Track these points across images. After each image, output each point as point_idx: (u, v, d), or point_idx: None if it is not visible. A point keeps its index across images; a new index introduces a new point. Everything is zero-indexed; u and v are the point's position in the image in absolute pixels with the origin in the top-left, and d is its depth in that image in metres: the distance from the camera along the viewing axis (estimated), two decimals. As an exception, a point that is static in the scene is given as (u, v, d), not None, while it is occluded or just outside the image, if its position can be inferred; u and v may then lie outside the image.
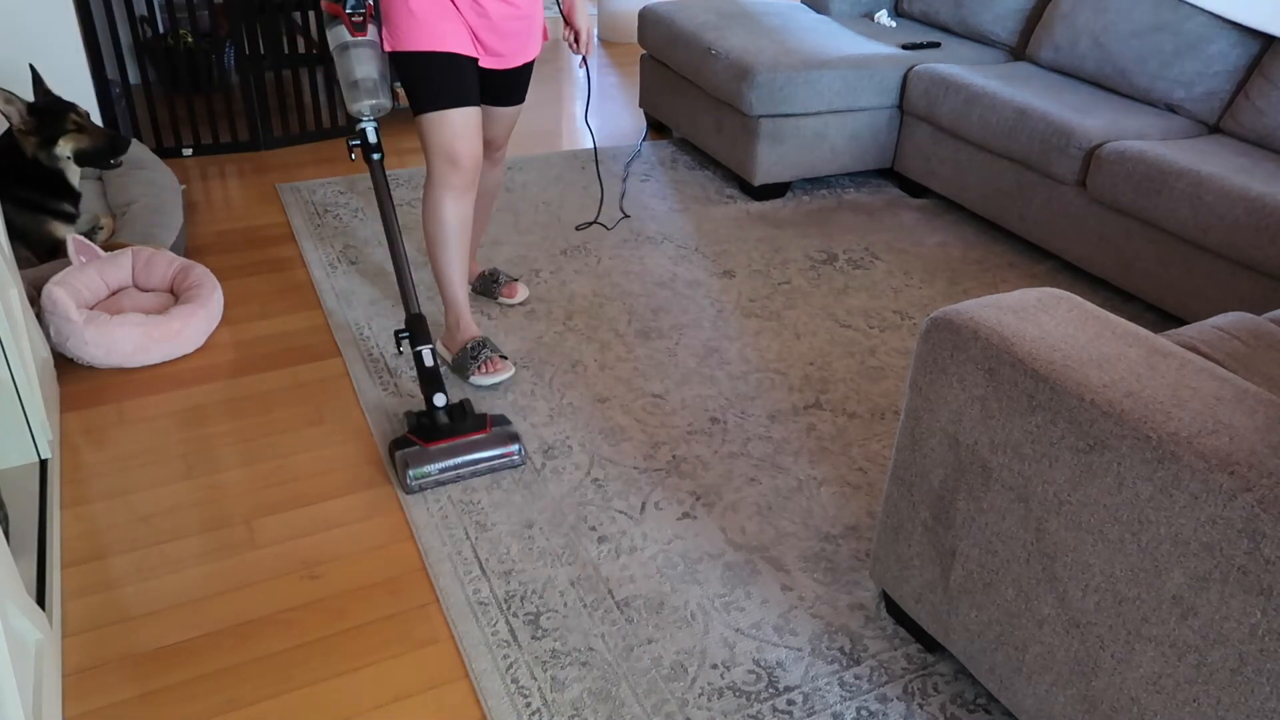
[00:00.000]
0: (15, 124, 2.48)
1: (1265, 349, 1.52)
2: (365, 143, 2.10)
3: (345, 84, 2.01)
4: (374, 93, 2.00)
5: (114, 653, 1.56)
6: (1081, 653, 1.23)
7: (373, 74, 1.99)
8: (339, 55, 2.00)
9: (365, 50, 1.99)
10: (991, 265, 2.98)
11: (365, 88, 1.99)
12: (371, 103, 2.01)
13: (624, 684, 1.54)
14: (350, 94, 2.01)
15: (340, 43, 2.00)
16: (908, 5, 3.91)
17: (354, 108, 2.02)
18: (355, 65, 1.99)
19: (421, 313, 2.08)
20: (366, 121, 2.08)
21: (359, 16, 1.99)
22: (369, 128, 2.09)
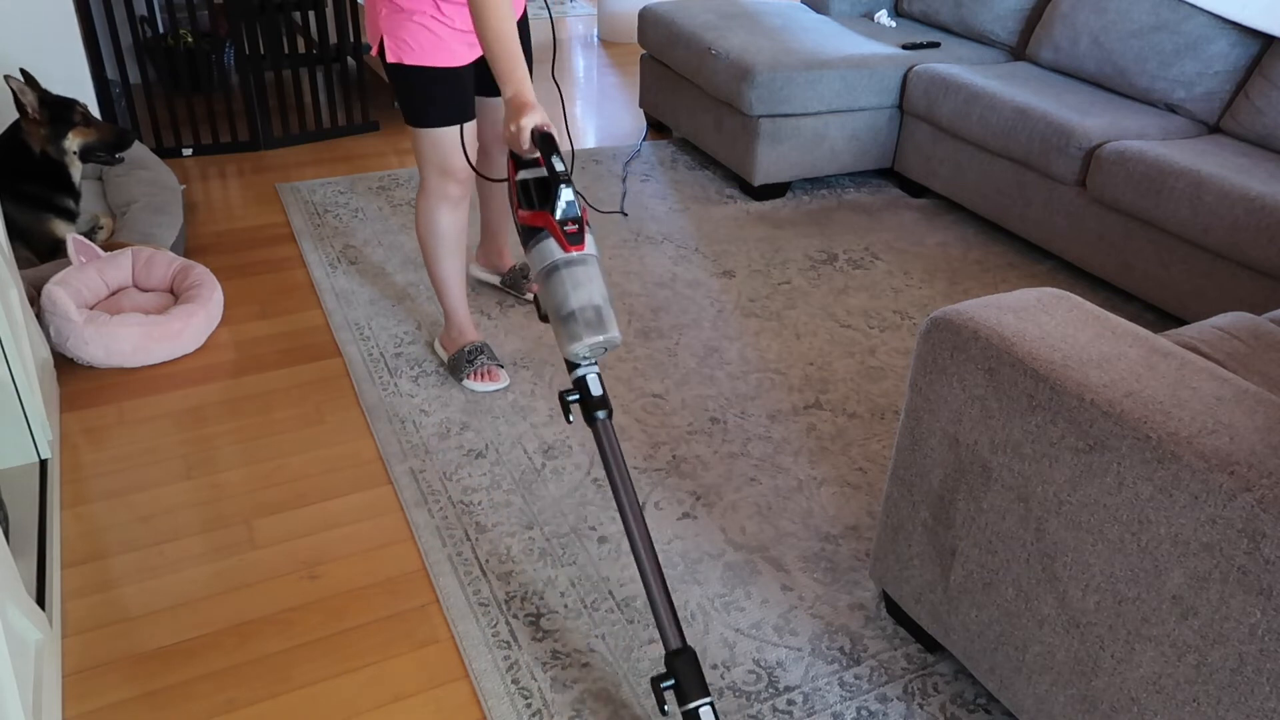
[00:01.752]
0: (29, 113, 2.48)
1: (1265, 349, 1.52)
2: (586, 396, 1.52)
3: (555, 317, 1.51)
4: (598, 327, 1.48)
5: (114, 653, 1.56)
6: (1081, 653, 1.23)
7: (595, 300, 1.49)
8: (547, 278, 1.51)
9: (581, 269, 1.51)
10: (991, 265, 2.98)
11: (586, 320, 1.48)
12: (596, 339, 1.48)
13: (624, 684, 1.54)
14: (565, 331, 1.49)
15: (550, 262, 1.51)
16: (908, 5, 3.91)
17: (571, 348, 1.49)
18: (572, 291, 1.49)
19: (686, 646, 1.42)
20: (587, 368, 1.53)
21: (574, 226, 1.51)
22: (591, 375, 1.53)
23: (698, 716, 1.35)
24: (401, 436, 2.08)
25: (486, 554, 1.78)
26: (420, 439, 2.08)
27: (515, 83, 1.68)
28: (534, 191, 1.59)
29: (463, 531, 1.83)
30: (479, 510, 1.89)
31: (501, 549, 1.79)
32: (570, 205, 1.51)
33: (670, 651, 1.40)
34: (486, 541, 1.81)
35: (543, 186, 1.59)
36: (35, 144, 2.51)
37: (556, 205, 1.50)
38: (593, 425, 1.52)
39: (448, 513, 1.88)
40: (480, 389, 2.24)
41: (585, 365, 1.53)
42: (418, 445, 2.06)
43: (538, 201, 1.57)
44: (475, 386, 2.24)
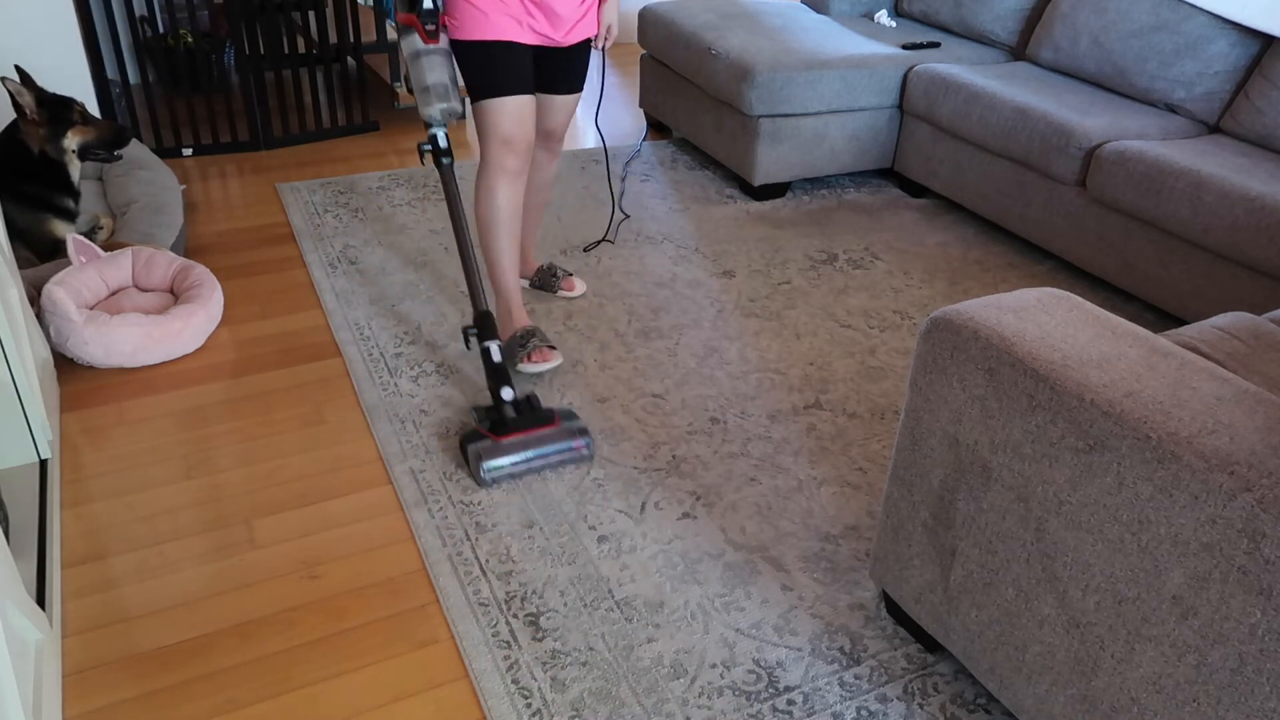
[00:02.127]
0: (28, 114, 2.48)
1: (1265, 349, 1.52)
2: (436, 147, 2.16)
3: (418, 90, 2.09)
4: (445, 97, 2.07)
5: (114, 653, 1.56)
6: (1081, 653, 1.23)
7: (444, 79, 2.07)
8: (412, 62, 2.08)
9: (437, 57, 2.07)
10: (991, 265, 2.98)
11: (437, 92, 2.06)
12: (443, 106, 2.08)
13: (624, 684, 1.54)
14: (422, 99, 2.08)
15: (413, 50, 2.07)
16: (908, 5, 3.91)
17: (426, 112, 2.09)
18: (427, 71, 2.06)
19: (489, 310, 2.12)
20: (437, 126, 2.14)
21: (432, 25, 2.06)
22: (439, 133, 2.15)
23: (489, 350, 2.06)
24: (401, 436, 2.08)
25: (486, 554, 1.78)
26: (420, 439, 2.08)
27: None
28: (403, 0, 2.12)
29: (463, 531, 1.83)
30: (479, 510, 1.89)
31: (501, 549, 1.79)
32: (429, 12, 2.04)
33: (479, 311, 2.10)
34: (486, 541, 1.81)
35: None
36: (34, 144, 2.51)
37: (421, 9, 2.04)
38: (439, 166, 2.17)
39: (448, 513, 1.88)
40: (535, 370, 2.27)
41: (436, 125, 2.13)
42: (418, 445, 2.06)
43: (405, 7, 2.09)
44: (530, 369, 2.27)
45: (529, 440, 1.97)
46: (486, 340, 2.07)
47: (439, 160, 2.16)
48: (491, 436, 1.96)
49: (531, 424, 1.99)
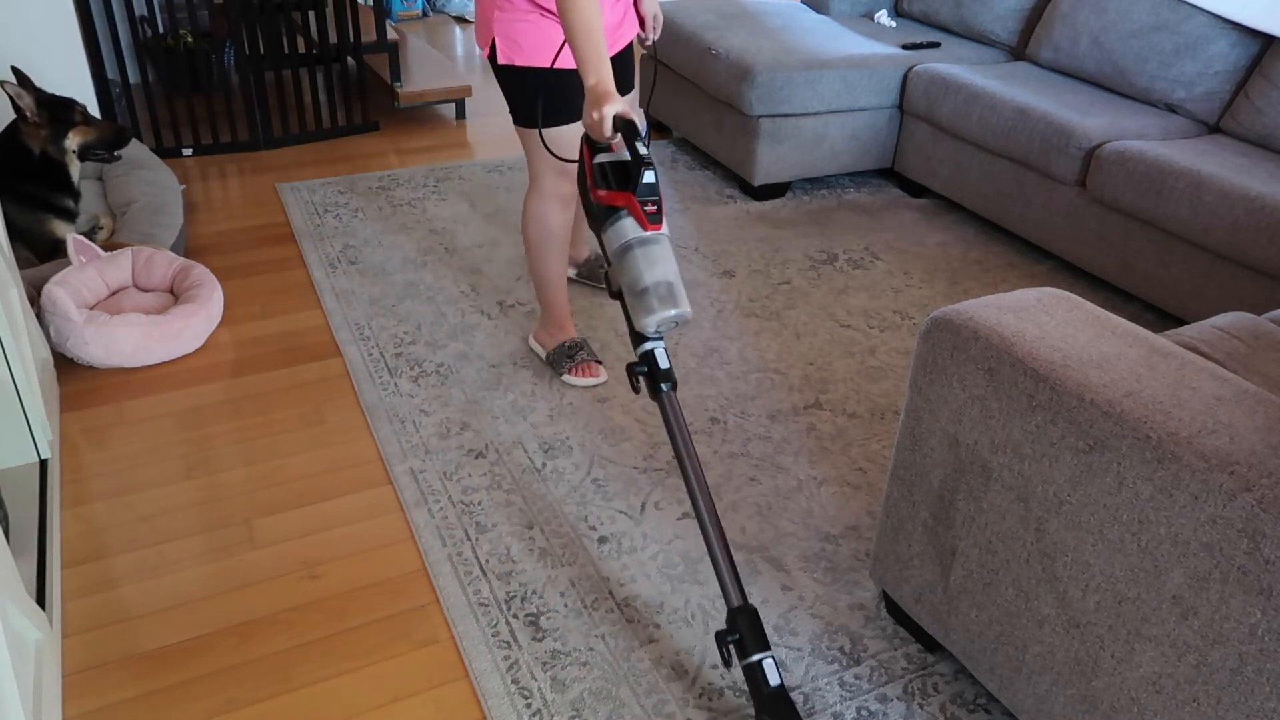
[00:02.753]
0: (28, 117, 2.48)
1: (1265, 349, 1.52)
2: (655, 369, 1.60)
3: (631, 293, 1.58)
4: (669, 300, 1.55)
5: (114, 653, 1.56)
6: (1081, 653, 1.23)
7: (669, 276, 1.57)
8: (622, 255, 1.59)
9: (658, 249, 1.59)
10: (991, 265, 2.98)
11: (659, 294, 1.55)
12: (671, 314, 1.55)
13: (624, 684, 1.54)
14: (640, 305, 1.56)
15: (625, 241, 1.59)
16: (908, 5, 3.91)
17: (645, 321, 1.56)
18: (646, 268, 1.57)
19: (751, 605, 1.47)
20: (654, 341, 1.61)
21: (653, 206, 1.59)
22: (659, 350, 1.61)
23: (760, 668, 1.41)
24: (401, 436, 2.08)
25: (486, 554, 1.78)
26: (420, 439, 2.08)
27: (598, 72, 1.71)
28: (611, 174, 1.65)
29: (463, 531, 1.83)
30: (479, 510, 1.89)
31: (501, 549, 1.79)
32: (652, 186, 1.59)
33: (733, 609, 1.46)
34: (486, 541, 1.81)
35: (620, 170, 1.65)
36: (35, 145, 2.51)
37: (639, 185, 1.57)
38: (658, 398, 1.60)
39: (448, 513, 1.88)
40: (580, 383, 2.27)
41: (652, 340, 1.61)
42: (418, 445, 2.06)
43: (615, 183, 1.63)
44: (575, 381, 2.27)
45: None
46: (757, 653, 1.43)
47: (656, 389, 1.60)
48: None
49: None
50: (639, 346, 1.62)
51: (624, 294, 1.61)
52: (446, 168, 3.53)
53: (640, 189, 1.58)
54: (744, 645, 1.43)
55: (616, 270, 1.61)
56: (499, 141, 3.87)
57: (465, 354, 2.39)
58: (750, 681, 1.43)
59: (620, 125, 1.64)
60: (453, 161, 3.61)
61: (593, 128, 1.68)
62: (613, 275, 1.64)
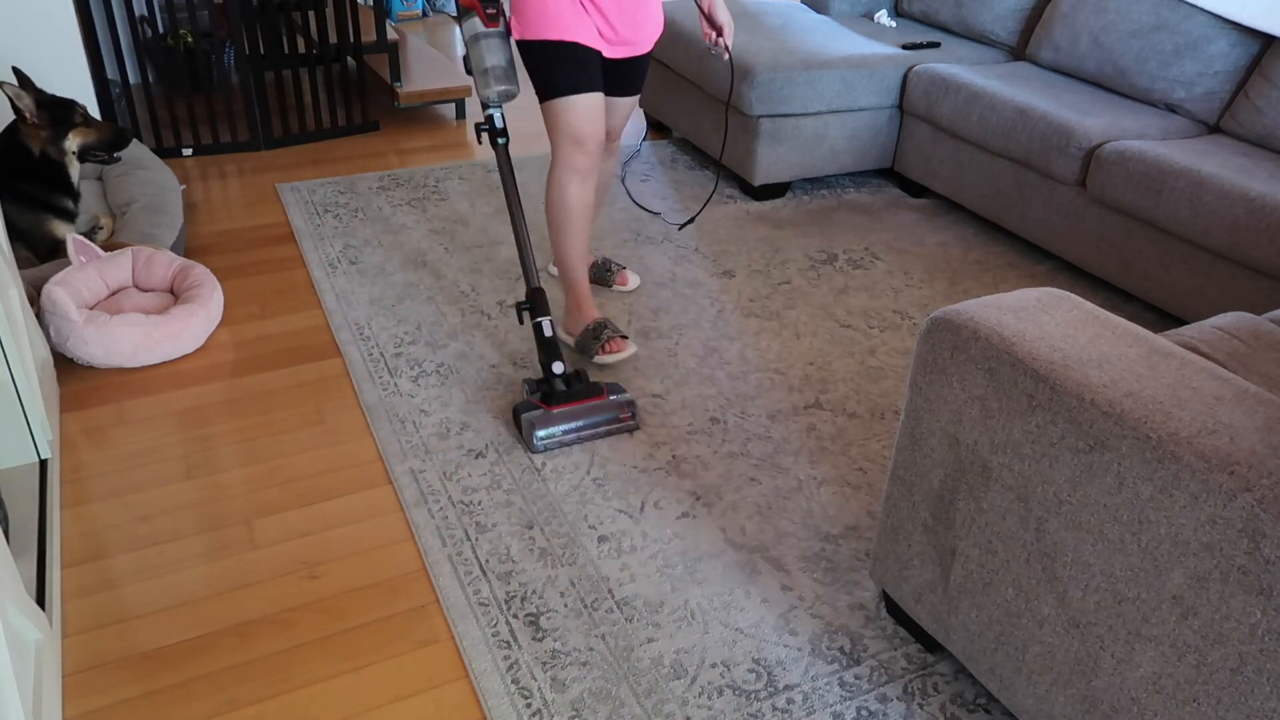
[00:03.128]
0: (28, 118, 2.48)
1: (1265, 349, 1.52)
2: (493, 128, 2.24)
3: (477, 72, 2.16)
4: (503, 79, 2.14)
5: (114, 653, 1.56)
6: (1081, 653, 1.23)
7: (502, 62, 2.13)
8: (471, 45, 2.15)
9: (496, 40, 2.14)
10: (991, 265, 2.98)
11: (495, 75, 2.13)
12: (501, 89, 2.15)
13: (624, 684, 1.54)
14: (481, 80, 2.15)
15: (473, 33, 2.14)
16: (908, 5, 3.91)
17: (484, 93, 2.16)
18: (487, 54, 2.13)
19: (541, 286, 2.19)
20: (494, 107, 2.22)
21: (493, 9, 2.13)
22: (496, 113, 2.23)
23: (540, 326, 2.13)
24: (401, 436, 2.08)
25: (486, 554, 1.78)
26: (420, 439, 2.08)
27: None
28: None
29: (463, 531, 1.83)
30: (479, 510, 1.89)
31: (501, 549, 1.79)
32: None
33: (531, 288, 2.18)
34: (486, 541, 1.81)
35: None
36: (35, 145, 2.50)
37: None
38: (495, 146, 2.25)
39: (448, 513, 1.88)
40: (611, 360, 2.32)
41: (494, 106, 2.22)
42: (418, 445, 2.06)
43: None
44: (606, 360, 2.31)
45: (579, 410, 2.06)
46: (539, 316, 2.14)
47: (495, 140, 2.25)
48: (544, 406, 2.04)
49: (581, 395, 2.07)
50: (485, 111, 2.23)
51: (472, 72, 2.18)
52: (446, 168, 3.53)
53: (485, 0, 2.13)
54: (533, 310, 2.15)
55: (468, 56, 2.18)
56: (499, 141, 3.86)
57: (465, 354, 2.39)
58: (536, 334, 2.13)
59: None
60: (453, 161, 3.61)
61: None
62: (465, 59, 2.20)
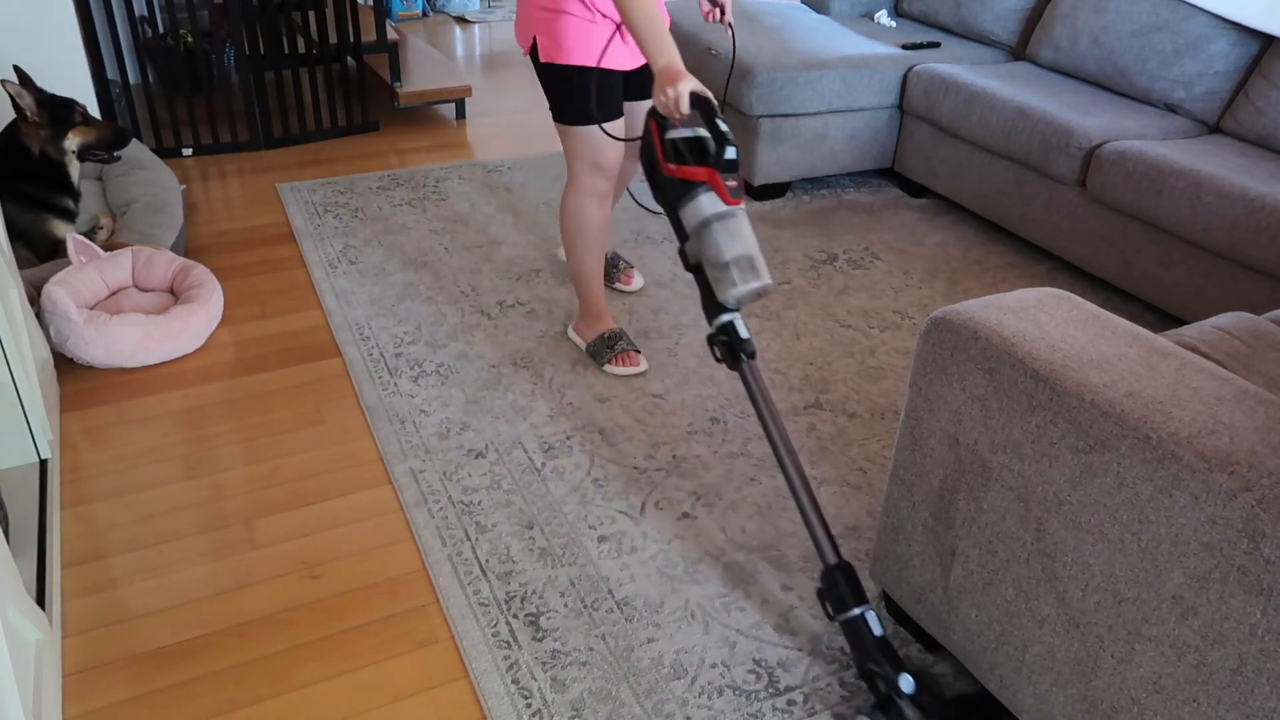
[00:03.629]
0: (28, 116, 2.48)
1: (1265, 349, 1.52)
2: (734, 339, 1.66)
3: (711, 265, 1.63)
4: (753, 273, 1.61)
5: (114, 653, 1.56)
6: (1081, 653, 1.23)
7: (751, 250, 1.62)
8: (702, 230, 1.64)
9: (740, 223, 1.63)
10: (991, 265, 2.98)
11: (741, 267, 1.60)
12: (752, 286, 1.61)
13: (624, 684, 1.54)
14: (720, 277, 1.62)
15: (704, 216, 1.64)
16: (908, 5, 3.91)
17: (728, 294, 1.61)
18: (728, 241, 1.62)
19: (847, 561, 1.53)
20: (732, 313, 1.67)
21: (735, 181, 1.62)
22: (737, 320, 1.67)
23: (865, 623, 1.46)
24: (401, 436, 2.08)
25: (486, 554, 1.78)
26: (420, 439, 2.08)
27: (666, 55, 1.77)
28: (686, 149, 1.69)
29: (463, 531, 1.83)
30: (479, 510, 1.89)
31: (501, 549, 1.79)
32: (734, 162, 1.62)
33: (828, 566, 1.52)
34: (486, 541, 1.81)
35: (696, 145, 1.68)
36: (34, 144, 2.50)
37: (723, 160, 1.61)
38: (738, 367, 1.66)
39: (448, 513, 1.88)
40: (622, 372, 2.31)
41: (730, 312, 1.67)
42: (418, 445, 2.06)
43: (691, 158, 1.67)
44: (617, 370, 2.31)
45: None
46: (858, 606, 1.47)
47: (738, 359, 1.65)
48: None
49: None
50: (716, 318, 1.67)
51: (704, 267, 1.65)
52: (446, 168, 3.53)
53: (723, 164, 1.61)
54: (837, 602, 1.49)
55: (695, 244, 1.66)
56: (499, 141, 3.87)
57: (465, 354, 2.39)
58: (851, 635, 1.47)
59: (697, 102, 1.68)
60: (453, 161, 3.61)
61: (666, 105, 1.72)
62: (690, 249, 1.69)
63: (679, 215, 1.69)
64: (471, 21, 5.89)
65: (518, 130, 3.99)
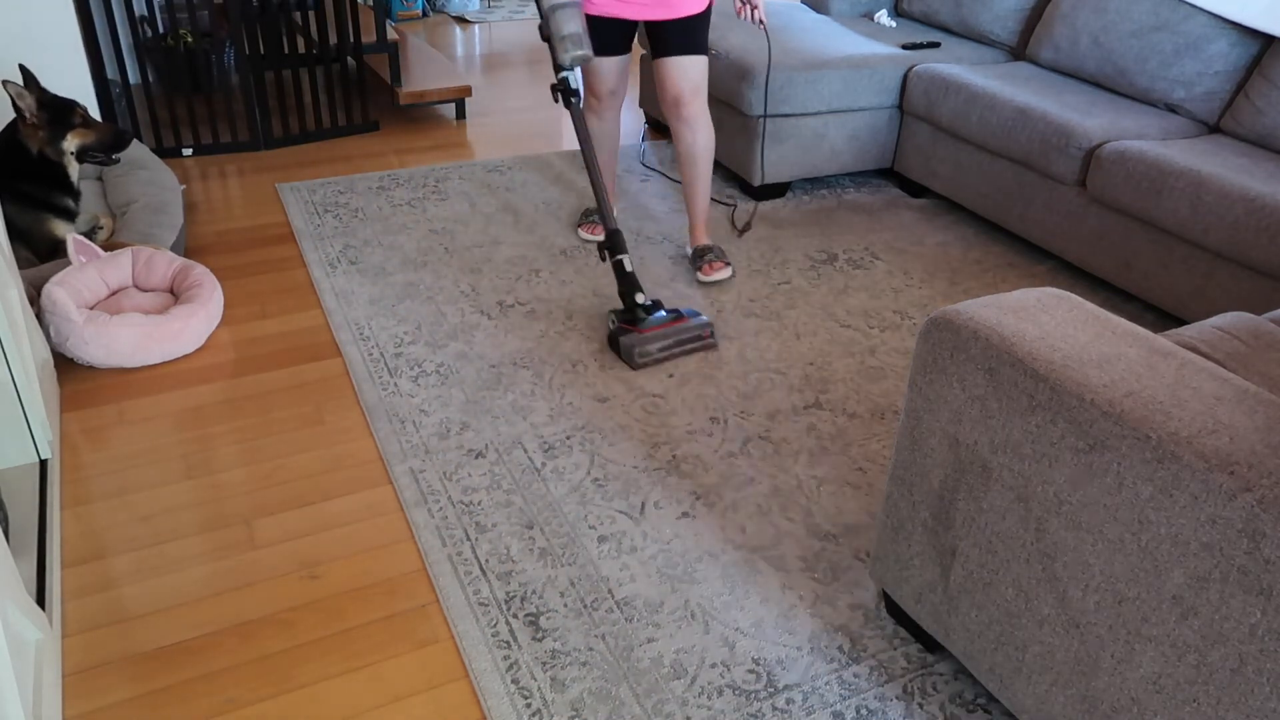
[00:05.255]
0: (27, 118, 2.48)
1: (1265, 349, 1.52)
2: (567, 88, 2.48)
3: (556, 38, 2.42)
4: (579, 44, 2.41)
5: (114, 653, 1.56)
6: (1081, 653, 1.23)
7: (578, 29, 2.41)
8: (550, 14, 2.41)
9: (572, 10, 2.40)
10: (991, 265, 2.98)
11: (573, 40, 2.41)
12: (577, 53, 2.42)
13: (624, 684, 1.54)
14: (560, 46, 2.42)
15: (551, 3, 2.40)
16: (908, 5, 3.91)
17: (564, 57, 2.43)
18: (565, 22, 2.40)
19: (618, 228, 2.48)
20: (568, 71, 2.48)
21: None
22: (570, 76, 2.48)
23: (621, 263, 2.43)
24: (401, 436, 2.08)
25: (486, 554, 1.78)
26: (420, 439, 2.08)
27: None
28: None
29: (463, 531, 1.83)
30: (479, 510, 1.89)
31: (501, 549, 1.79)
32: None
33: (609, 230, 2.45)
34: (486, 541, 1.81)
35: None
36: (33, 145, 2.50)
37: None
38: (570, 105, 2.49)
39: (448, 513, 1.88)
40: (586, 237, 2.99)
41: (567, 70, 2.46)
42: (418, 445, 2.06)
43: None
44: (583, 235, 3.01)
45: (667, 331, 2.38)
46: (618, 255, 2.43)
47: (569, 99, 2.48)
48: (636, 330, 2.36)
49: (665, 320, 2.40)
50: (558, 74, 2.47)
51: (550, 39, 2.43)
52: (446, 168, 3.53)
53: None
54: (611, 250, 2.44)
55: (545, 25, 2.43)
56: (499, 141, 3.87)
57: (465, 354, 2.39)
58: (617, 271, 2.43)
59: None
60: (453, 161, 3.61)
61: None
62: (541, 28, 2.44)
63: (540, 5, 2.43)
64: (471, 21, 5.89)
65: (518, 130, 3.99)
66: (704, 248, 2.81)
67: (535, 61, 5.11)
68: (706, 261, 2.76)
